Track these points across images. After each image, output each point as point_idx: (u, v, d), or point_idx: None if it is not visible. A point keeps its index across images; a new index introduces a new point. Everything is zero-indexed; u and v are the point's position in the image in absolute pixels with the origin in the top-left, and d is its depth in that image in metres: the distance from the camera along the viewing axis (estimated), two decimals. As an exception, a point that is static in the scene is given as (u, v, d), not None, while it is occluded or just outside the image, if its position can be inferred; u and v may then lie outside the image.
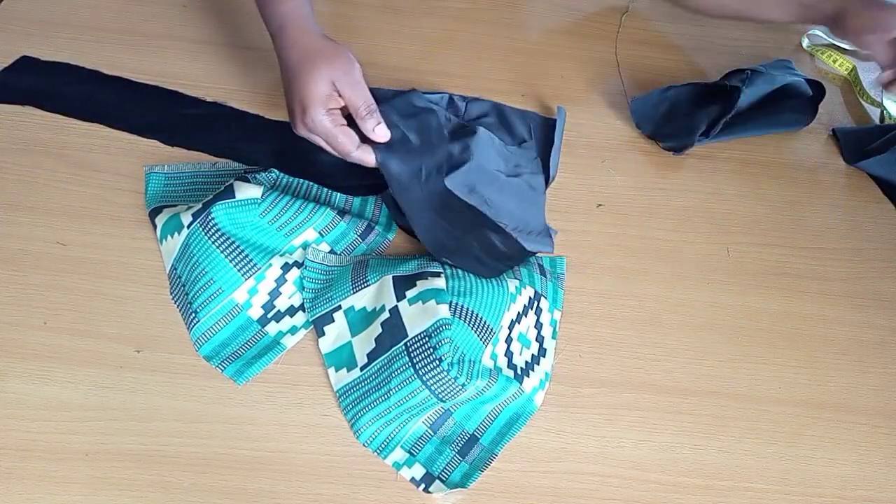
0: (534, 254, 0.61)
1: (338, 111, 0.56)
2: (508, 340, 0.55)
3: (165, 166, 0.63)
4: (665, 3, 0.89)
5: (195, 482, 0.48)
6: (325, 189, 0.63)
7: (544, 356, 0.56)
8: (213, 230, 0.55)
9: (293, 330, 0.56)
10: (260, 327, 0.55)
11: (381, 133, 0.55)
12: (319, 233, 0.59)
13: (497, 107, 0.72)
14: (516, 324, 0.55)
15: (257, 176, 0.61)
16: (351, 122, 0.56)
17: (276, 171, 0.62)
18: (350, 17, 0.81)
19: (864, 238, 0.69)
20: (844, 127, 0.78)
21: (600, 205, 0.68)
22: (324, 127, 0.54)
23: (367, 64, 0.66)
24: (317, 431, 0.51)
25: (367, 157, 0.56)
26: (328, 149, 0.57)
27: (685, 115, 0.73)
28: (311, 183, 0.63)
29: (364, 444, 0.51)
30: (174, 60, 0.74)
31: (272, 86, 0.73)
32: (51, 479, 0.47)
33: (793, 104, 0.76)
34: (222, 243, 0.55)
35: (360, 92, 0.55)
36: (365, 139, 0.56)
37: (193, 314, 0.54)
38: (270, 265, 0.56)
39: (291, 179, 0.63)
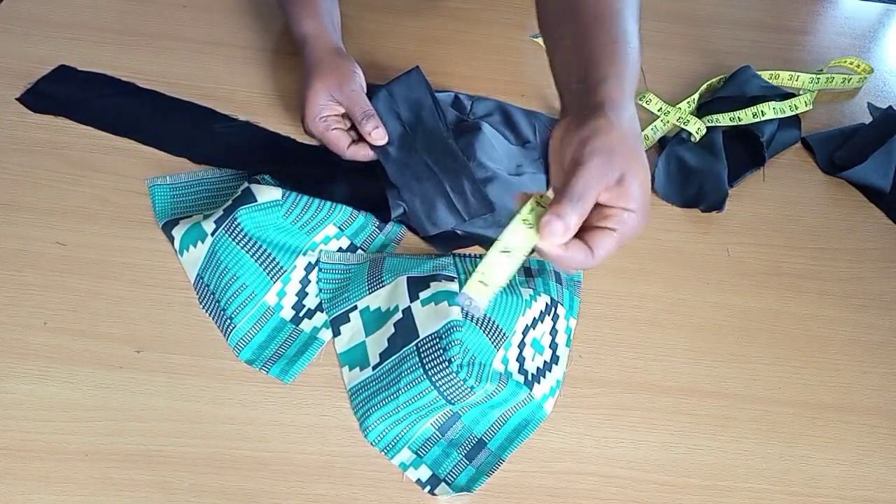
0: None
1: (335, 117, 0.63)
2: (521, 345, 0.55)
3: (168, 177, 0.62)
4: (665, 3, 0.89)
5: (195, 482, 0.48)
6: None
7: (556, 363, 0.56)
8: (239, 235, 0.56)
9: (327, 324, 0.56)
10: (294, 326, 0.56)
11: (378, 135, 0.62)
12: (339, 227, 0.59)
13: (502, 106, 0.72)
14: (531, 329, 0.55)
15: (265, 177, 0.61)
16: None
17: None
18: (350, 17, 0.80)
19: (863, 238, 0.69)
20: (815, 134, 0.76)
21: (600, 205, 0.68)
22: (316, 131, 0.63)
23: (367, 65, 0.67)
24: (316, 432, 0.51)
25: (361, 153, 0.63)
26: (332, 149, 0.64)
27: (698, 169, 0.70)
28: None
29: (372, 443, 0.51)
30: (174, 61, 0.74)
31: (272, 86, 0.73)
32: (51, 479, 0.47)
33: (784, 121, 0.75)
34: (251, 248, 0.56)
35: (356, 99, 0.62)
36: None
37: (228, 320, 0.54)
38: (295, 266, 0.57)
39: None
